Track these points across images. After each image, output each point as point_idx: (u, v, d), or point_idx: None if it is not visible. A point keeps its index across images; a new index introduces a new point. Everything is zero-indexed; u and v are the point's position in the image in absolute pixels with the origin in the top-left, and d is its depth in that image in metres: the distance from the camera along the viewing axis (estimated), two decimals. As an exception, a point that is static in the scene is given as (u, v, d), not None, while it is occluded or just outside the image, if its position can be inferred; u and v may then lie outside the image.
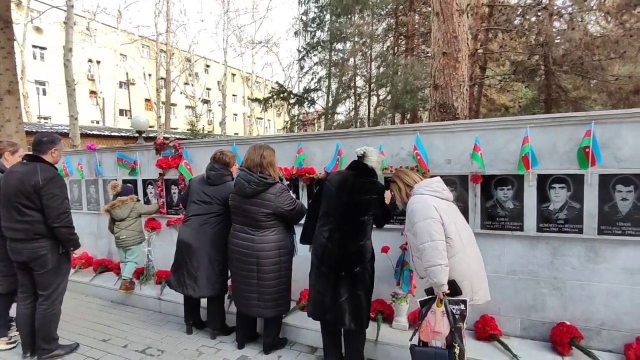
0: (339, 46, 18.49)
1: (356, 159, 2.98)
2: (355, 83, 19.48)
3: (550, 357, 2.89)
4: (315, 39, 18.79)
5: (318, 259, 2.89)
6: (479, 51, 13.72)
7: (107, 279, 5.11)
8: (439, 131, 3.37)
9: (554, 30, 13.56)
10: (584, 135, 2.84)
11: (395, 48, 17.58)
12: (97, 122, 28.23)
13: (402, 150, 3.50)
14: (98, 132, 19.12)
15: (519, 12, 14.38)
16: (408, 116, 16.79)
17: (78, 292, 5.08)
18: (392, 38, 18.12)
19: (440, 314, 2.46)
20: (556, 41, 13.52)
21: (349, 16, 17.17)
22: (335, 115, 19.83)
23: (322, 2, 18.19)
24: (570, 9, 13.57)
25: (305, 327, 3.50)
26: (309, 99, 19.39)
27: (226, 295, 3.64)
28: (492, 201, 3.20)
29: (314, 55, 19.19)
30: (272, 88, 18.94)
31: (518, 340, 3.12)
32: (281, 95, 18.72)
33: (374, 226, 2.95)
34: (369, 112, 18.88)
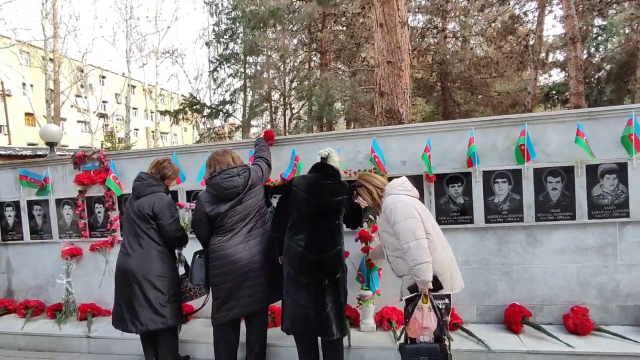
0: (254, 59, 18.39)
1: (318, 161, 2.93)
2: (271, 96, 19.47)
3: (507, 336, 3.16)
4: (228, 51, 18.41)
5: (295, 270, 2.73)
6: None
7: (9, 324, 4.19)
8: (393, 134, 3.52)
9: (450, 51, 15.32)
10: (520, 135, 3.22)
11: (310, 63, 18.12)
12: (-40, 140, 23.46)
13: (359, 154, 3.56)
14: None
15: (418, 33, 16.02)
16: (324, 129, 17.39)
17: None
18: (305, 53, 18.62)
19: (427, 310, 2.52)
20: (451, 61, 15.28)
21: (263, 30, 17.22)
22: (253, 129, 19.59)
23: (234, 15, 17.97)
24: (459, 33, 15.53)
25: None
26: (224, 111, 18.82)
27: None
28: (444, 198, 3.43)
29: (228, 66, 18.73)
30: (184, 100, 17.89)
31: (475, 326, 3.35)
32: (194, 107, 17.89)
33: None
34: (284, 125, 19.05)
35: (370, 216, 3.43)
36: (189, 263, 3.09)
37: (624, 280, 3.20)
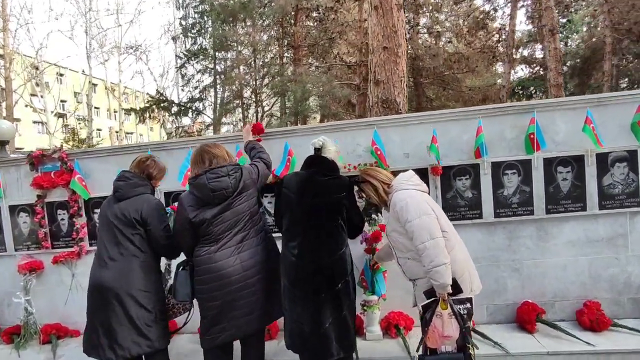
0: (224, 55, 17.73)
1: (312, 153, 2.57)
2: (242, 93, 18.88)
3: (522, 336, 2.99)
4: (196, 46, 17.66)
5: (290, 282, 2.41)
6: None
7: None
8: (395, 125, 3.26)
9: (423, 46, 15.38)
10: (529, 123, 3.05)
11: (282, 58, 17.69)
12: None
13: (358, 147, 3.28)
14: None
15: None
16: (299, 124, 17.02)
17: None
18: (277, 47, 18.17)
19: (447, 317, 2.27)
20: (424, 56, 15.34)
21: (233, 24, 16.63)
22: (224, 127, 18.94)
23: (201, 8, 17.25)
24: (432, 28, 15.62)
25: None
26: (194, 108, 18.06)
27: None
28: (452, 192, 3.21)
29: (197, 62, 17.97)
30: (150, 97, 17.02)
31: (487, 327, 3.15)
32: (161, 105, 17.05)
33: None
34: (257, 121, 18.53)
35: (374, 215, 3.14)
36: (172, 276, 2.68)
37: (635, 271, 3.11)
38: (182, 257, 2.66)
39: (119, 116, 29.68)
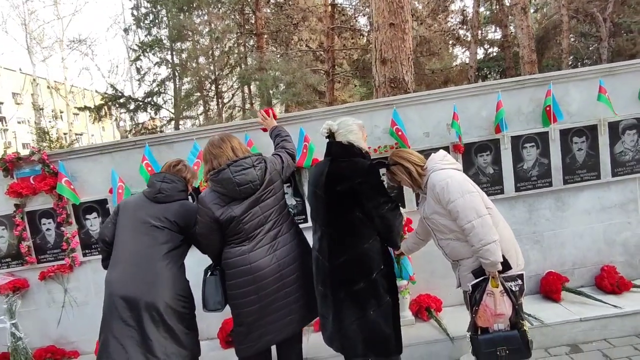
0: (182, 45, 16.84)
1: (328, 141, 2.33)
2: (203, 85, 18.09)
3: (550, 306, 3.04)
4: (151, 37, 16.62)
5: (315, 277, 2.30)
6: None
7: None
8: (413, 103, 3.16)
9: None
10: (545, 96, 3.05)
11: (245, 46, 17.11)
12: None
13: (376, 129, 3.15)
14: None
15: (352, 13, 15.92)
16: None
17: None
18: (237, 35, 17.52)
19: (499, 294, 2.23)
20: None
21: (189, 12, 15.79)
22: (188, 120, 18.08)
23: (155, -3, 16.20)
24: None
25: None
26: (153, 103, 17.08)
27: None
28: (474, 169, 3.17)
29: (153, 54, 16.93)
30: (106, 94, 15.89)
31: (513, 300, 3.17)
32: (118, 101, 15.96)
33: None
34: (219, 114, 17.88)
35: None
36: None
37: (646, 233, 3.24)
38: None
39: (66, 116, 27.61)
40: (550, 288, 3.09)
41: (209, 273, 2.36)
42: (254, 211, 2.22)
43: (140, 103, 16.53)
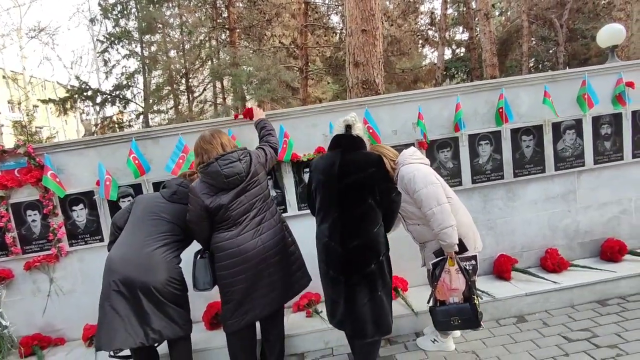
0: (152, 38, 16.49)
1: (341, 132, 2.52)
2: (173, 79, 17.81)
3: (501, 284, 3.44)
4: (119, 28, 16.17)
5: (324, 263, 2.49)
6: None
7: None
8: (385, 104, 3.47)
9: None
10: (498, 99, 3.45)
11: (218, 41, 16.97)
12: None
13: (350, 126, 3.43)
14: None
15: (326, 11, 16.16)
16: (239, 111, 16.59)
17: None
18: (209, 29, 17.35)
19: (454, 272, 2.59)
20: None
21: (161, 4, 15.51)
22: (159, 115, 17.75)
23: (123, -13, 15.75)
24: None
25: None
26: (121, 97, 16.66)
27: None
28: (436, 163, 3.52)
29: (121, 46, 16.50)
30: (72, 86, 15.36)
31: (470, 280, 3.57)
32: (85, 94, 15.47)
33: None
34: (190, 109, 17.69)
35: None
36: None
37: (583, 220, 3.72)
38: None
39: (25, 109, 26.29)
40: (502, 268, 3.51)
41: (199, 256, 2.60)
42: (240, 200, 2.48)
43: (108, 96, 16.12)
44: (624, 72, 3.57)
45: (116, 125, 17.27)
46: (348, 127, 2.47)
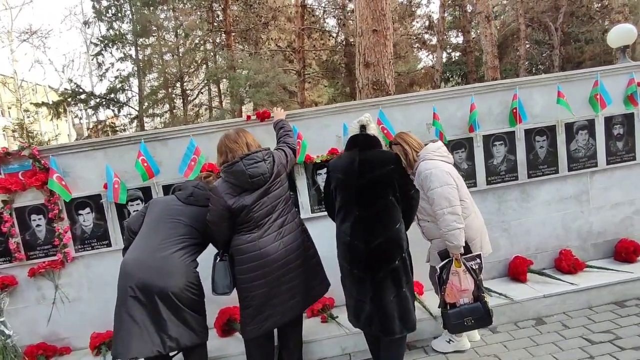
0: (147, 41, 16.35)
1: (357, 132, 2.51)
2: (168, 82, 17.66)
3: (517, 286, 3.41)
4: (114, 31, 16.02)
5: (347, 262, 2.43)
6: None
7: None
8: (398, 104, 3.43)
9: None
10: (512, 99, 3.42)
11: (214, 44, 16.88)
12: None
13: (364, 127, 3.38)
14: None
15: (322, 14, 16.19)
16: (235, 115, 16.48)
17: None
18: (205, 32, 17.26)
19: (462, 273, 2.56)
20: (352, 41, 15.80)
21: (156, 7, 15.41)
22: (156, 118, 17.59)
23: (117, -10, 15.61)
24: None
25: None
26: (115, 100, 16.47)
27: None
28: (451, 165, 3.48)
29: (116, 49, 16.33)
30: (65, 90, 15.16)
31: (486, 282, 3.51)
32: (78, 98, 15.26)
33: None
34: (185, 112, 17.55)
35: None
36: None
37: (595, 221, 3.70)
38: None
39: (17, 113, 25.89)
40: (518, 270, 3.47)
41: (218, 259, 2.52)
42: (263, 201, 2.41)
43: (103, 100, 15.93)
44: (635, 72, 3.58)
45: (109, 129, 17.08)
46: (362, 128, 2.47)
